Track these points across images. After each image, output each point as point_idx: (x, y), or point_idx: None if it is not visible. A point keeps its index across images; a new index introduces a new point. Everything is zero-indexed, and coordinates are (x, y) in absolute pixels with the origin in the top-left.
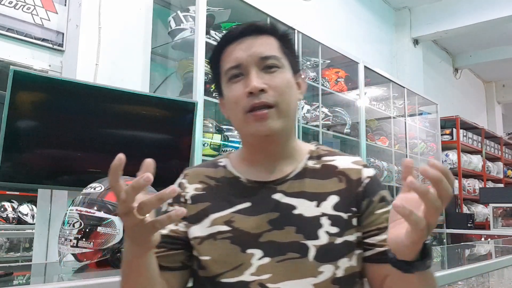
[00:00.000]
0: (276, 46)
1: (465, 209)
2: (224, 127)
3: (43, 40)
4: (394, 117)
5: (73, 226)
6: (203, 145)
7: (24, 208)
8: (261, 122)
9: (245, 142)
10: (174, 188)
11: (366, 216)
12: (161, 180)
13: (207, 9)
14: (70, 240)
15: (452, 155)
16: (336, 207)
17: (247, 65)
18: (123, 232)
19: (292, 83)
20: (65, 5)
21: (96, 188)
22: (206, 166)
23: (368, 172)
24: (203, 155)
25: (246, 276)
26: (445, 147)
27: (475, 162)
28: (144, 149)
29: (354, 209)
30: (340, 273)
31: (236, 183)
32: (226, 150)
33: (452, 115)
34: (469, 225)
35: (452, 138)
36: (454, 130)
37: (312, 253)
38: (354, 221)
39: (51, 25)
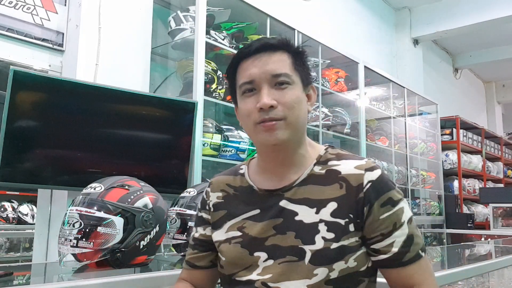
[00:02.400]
0: (288, 62)
1: (465, 209)
2: (224, 127)
3: (43, 40)
4: (394, 117)
5: (73, 226)
6: (203, 145)
7: (24, 208)
8: (270, 132)
9: (258, 150)
10: None
11: (370, 222)
12: (161, 180)
13: (207, 9)
14: (70, 240)
15: (452, 155)
16: (334, 213)
17: (259, 81)
18: (123, 232)
19: (302, 97)
20: (65, 5)
21: (96, 188)
22: (229, 173)
23: (370, 176)
24: (203, 155)
25: (254, 276)
26: (445, 147)
27: (475, 162)
28: (144, 149)
29: (351, 215)
30: (334, 275)
31: (250, 191)
32: (226, 150)
33: (452, 115)
34: (469, 225)
35: (452, 138)
36: (454, 130)
37: (308, 257)
38: (351, 227)
39: (51, 25)
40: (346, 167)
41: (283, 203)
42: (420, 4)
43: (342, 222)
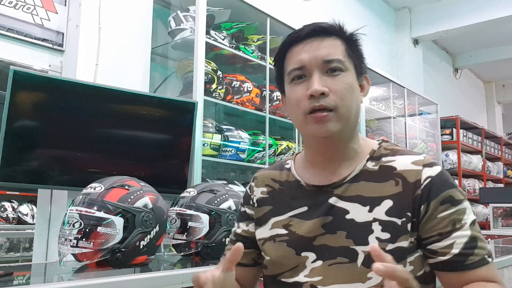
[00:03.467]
0: (341, 48)
1: None
2: (224, 127)
3: (43, 40)
4: (394, 117)
5: (73, 226)
6: (203, 145)
7: (24, 208)
8: (321, 124)
9: (306, 143)
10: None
11: (426, 220)
12: (161, 180)
13: (207, 9)
14: (70, 240)
15: (452, 155)
16: (389, 212)
17: (310, 67)
18: (123, 232)
19: (355, 86)
20: (65, 5)
21: (96, 188)
22: (274, 168)
23: (430, 172)
24: (203, 155)
25: (301, 277)
26: (445, 147)
27: (475, 162)
28: (144, 149)
29: (409, 214)
30: None
31: (296, 187)
32: (226, 150)
33: (452, 115)
34: None
35: (452, 138)
36: (454, 130)
37: (360, 258)
38: (409, 227)
39: (51, 25)
40: (402, 162)
41: (333, 200)
42: (420, 4)
43: (399, 221)
